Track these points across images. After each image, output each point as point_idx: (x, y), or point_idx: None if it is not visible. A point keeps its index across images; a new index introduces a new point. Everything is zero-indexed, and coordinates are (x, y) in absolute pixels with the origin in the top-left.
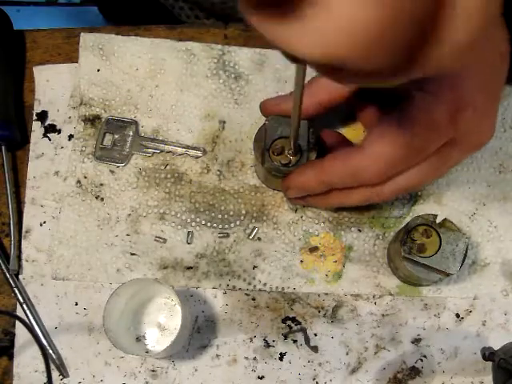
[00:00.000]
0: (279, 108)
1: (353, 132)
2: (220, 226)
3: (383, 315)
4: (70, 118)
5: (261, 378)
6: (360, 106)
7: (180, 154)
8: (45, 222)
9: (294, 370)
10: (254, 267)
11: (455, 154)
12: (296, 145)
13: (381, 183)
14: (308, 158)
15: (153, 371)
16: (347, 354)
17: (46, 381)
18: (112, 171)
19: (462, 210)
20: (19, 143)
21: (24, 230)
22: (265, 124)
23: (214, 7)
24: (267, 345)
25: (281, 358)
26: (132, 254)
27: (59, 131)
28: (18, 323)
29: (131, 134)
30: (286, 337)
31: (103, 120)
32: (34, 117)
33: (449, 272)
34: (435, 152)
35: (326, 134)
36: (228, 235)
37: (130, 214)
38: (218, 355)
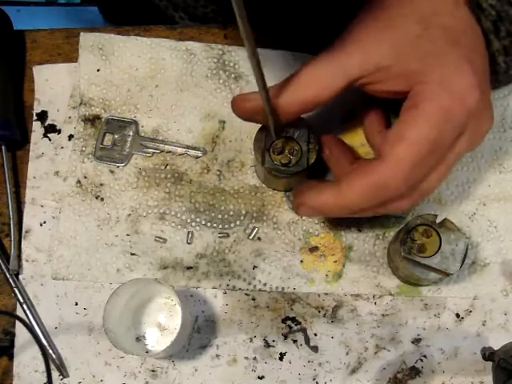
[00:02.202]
0: (245, 108)
1: (352, 134)
2: (220, 226)
3: (383, 315)
4: (69, 117)
5: (261, 378)
6: (366, 112)
7: (180, 154)
8: (45, 222)
9: (294, 370)
10: (254, 267)
11: (464, 145)
12: (275, 133)
13: (407, 193)
14: (308, 159)
15: (153, 371)
16: (347, 354)
17: (45, 381)
18: (112, 171)
19: (461, 210)
20: (19, 143)
21: (24, 230)
22: None
23: (205, 16)
24: (267, 345)
25: (281, 358)
26: (132, 254)
27: (59, 131)
28: (17, 323)
29: (131, 133)
30: (285, 337)
31: (103, 120)
32: (34, 117)
33: (449, 272)
34: (447, 151)
35: (323, 138)
36: (228, 235)
37: (129, 214)
38: (218, 355)
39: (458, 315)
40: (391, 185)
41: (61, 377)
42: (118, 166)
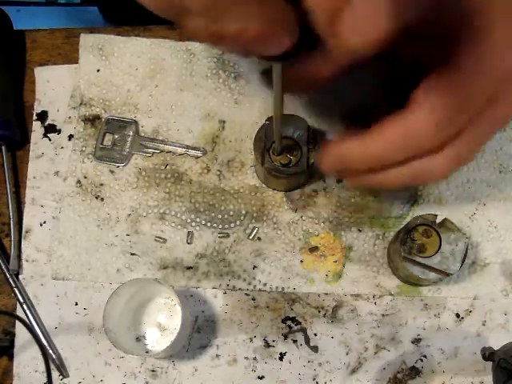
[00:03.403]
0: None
1: None
2: (220, 226)
3: (383, 315)
4: (69, 118)
5: (261, 378)
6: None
7: (180, 154)
8: (45, 222)
9: (294, 370)
10: (254, 267)
11: (498, 113)
12: (280, 144)
13: (438, 149)
14: (308, 160)
15: (153, 371)
16: (347, 354)
17: (45, 381)
18: (112, 171)
19: (461, 210)
20: (19, 143)
21: (24, 229)
22: (265, 124)
23: None
24: (267, 345)
25: (281, 358)
26: (132, 254)
27: (59, 131)
28: (17, 323)
29: (131, 133)
30: (285, 337)
31: (103, 120)
32: (34, 117)
33: (449, 272)
34: (480, 113)
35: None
36: (228, 235)
37: (130, 214)
38: (218, 355)
39: (458, 315)
40: (422, 133)
41: (61, 377)
42: (118, 166)
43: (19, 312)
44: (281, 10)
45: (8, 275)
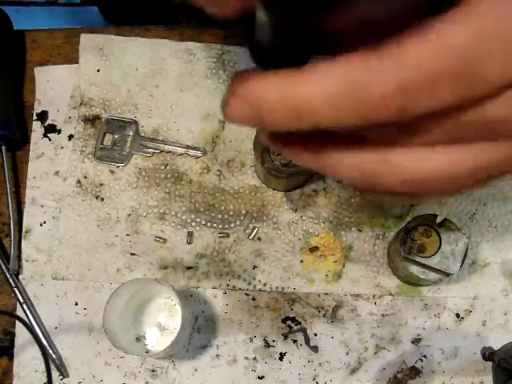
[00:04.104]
0: None
1: None
2: (220, 226)
3: (383, 315)
4: (69, 118)
5: (261, 378)
6: None
7: (180, 154)
8: (45, 222)
9: (294, 370)
10: (254, 267)
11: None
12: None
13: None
14: None
15: (153, 371)
16: (347, 354)
17: (46, 381)
18: (112, 171)
19: (461, 210)
20: (19, 143)
21: (24, 229)
22: None
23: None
24: (267, 345)
25: (281, 358)
26: (132, 254)
27: (59, 131)
28: (17, 323)
29: (131, 133)
30: (285, 337)
31: (103, 120)
32: (34, 117)
33: (449, 272)
34: None
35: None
36: (228, 235)
37: (130, 214)
38: (218, 355)
39: (458, 315)
40: (468, 52)
41: (61, 377)
42: (118, 166)
43: (19, 312)
44: None
45: (8, 275)
